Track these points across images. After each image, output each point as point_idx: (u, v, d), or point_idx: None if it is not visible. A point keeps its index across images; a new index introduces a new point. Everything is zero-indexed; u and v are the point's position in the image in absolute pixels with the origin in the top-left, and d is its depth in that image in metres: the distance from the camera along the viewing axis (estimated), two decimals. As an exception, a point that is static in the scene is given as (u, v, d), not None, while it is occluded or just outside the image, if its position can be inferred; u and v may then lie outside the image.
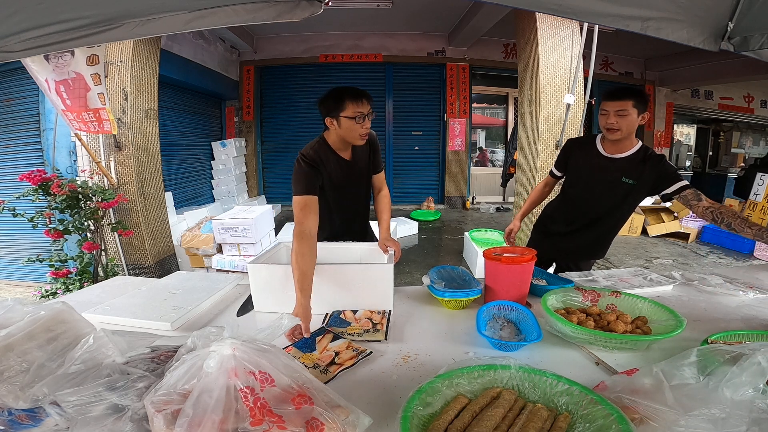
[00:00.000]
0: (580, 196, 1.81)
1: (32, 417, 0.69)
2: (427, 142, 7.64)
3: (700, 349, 0.72)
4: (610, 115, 1.60)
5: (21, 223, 2.98)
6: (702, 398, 0.63)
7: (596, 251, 1.91)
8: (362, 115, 1.42)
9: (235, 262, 3.54)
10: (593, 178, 1.74)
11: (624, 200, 1.71)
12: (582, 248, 1.89)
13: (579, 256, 1.91)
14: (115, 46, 3.41)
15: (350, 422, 0.67)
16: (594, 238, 1.85)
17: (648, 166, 1.63)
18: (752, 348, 0.67)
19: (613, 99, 1.59)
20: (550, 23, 4.01)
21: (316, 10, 1.07)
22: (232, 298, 1.44)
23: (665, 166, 1.63)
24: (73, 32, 1.09)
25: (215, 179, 6.73)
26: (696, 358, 0.71)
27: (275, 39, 7.14)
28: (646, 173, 1.63)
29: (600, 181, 1.72)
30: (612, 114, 1.60)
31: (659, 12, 1.10)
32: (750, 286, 1.47)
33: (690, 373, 0.69)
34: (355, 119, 1.42)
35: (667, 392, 0.67)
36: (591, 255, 1.92)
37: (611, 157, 1.70)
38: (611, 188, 1.70)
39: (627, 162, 1.67)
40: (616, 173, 1.68)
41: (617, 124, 1.59)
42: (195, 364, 0.65)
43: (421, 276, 1.56)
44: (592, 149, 1.76)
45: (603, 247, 1.91)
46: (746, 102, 8.84)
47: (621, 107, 1.57)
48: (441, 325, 1.20)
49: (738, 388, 0.60)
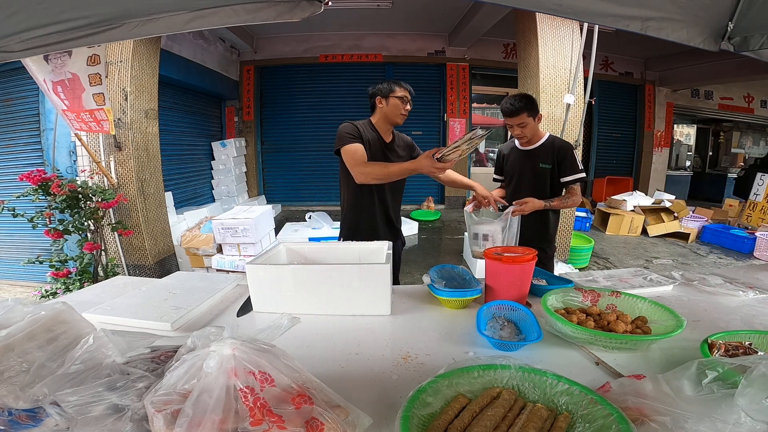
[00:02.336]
0: (516, 189, 2.11)
1: (32, 417, 0.69)
2: (427, 142, 7.62)
3: (701, 362, 0.72)
4: (514, 128, 1.98)
5: (21, 223, 2.99)
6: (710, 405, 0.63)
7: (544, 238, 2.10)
8: (407, 98, 1.82)
9: (235, 262, 3.54)
10: (520, 170, 2.09)
11: (546, 183, 2.03)
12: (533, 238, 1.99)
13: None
14: (115, 46, 3.41)
15: (350, 422, 0.67)
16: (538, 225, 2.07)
17: (557, 151, 2.00)
18: (753, 361, 0.67)
19: (511, 116, 1.94)
20: (550, 23, 4.02)
21: (316, 10, 1.07)
22: (232, 298, 1.44)
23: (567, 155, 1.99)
24: (73, 32, 1.09)
25: (215, 179, 6.73)
26: (696, 370, 0.71)
27: (275, 39, 7.15)
28: (556, 157, 2.01)
29: (525, 171, 2.07)
30: (516, 127, 1.97)
31: (659, 12, 1.10)
32: (750, 286, 1.47)
33: (693, 383, 0.69)
34: (401, 99, 1.80)
35: (673, 397, 0.67)
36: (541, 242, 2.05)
37: (528, 149, 2.07)
38: (534, 175, 2.04)
39: (540, 151, 2.03)
40: (534, 161, 2.03)
41: (522, 132, 1.98)
42: (195, 364, 0.65)
43: (421, 276, 1.56)
44: (514, 148, 2.14)
45: (548, 233, 2.12)
46: (746, 102, 8.84)
47: (520, 121, 1.93)
48: (441, 324, 1.20)
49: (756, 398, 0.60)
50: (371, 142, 1.81)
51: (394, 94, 1.79)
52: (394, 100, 1.79)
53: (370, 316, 1.25)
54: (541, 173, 2.02)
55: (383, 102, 1.82)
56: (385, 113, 1.83)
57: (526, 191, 1.98)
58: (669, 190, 7.41)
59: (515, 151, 2.12)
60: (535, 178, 2.04)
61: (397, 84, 1.81)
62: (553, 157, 2.00)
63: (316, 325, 1.19)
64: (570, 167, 1.99)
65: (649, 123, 8.15)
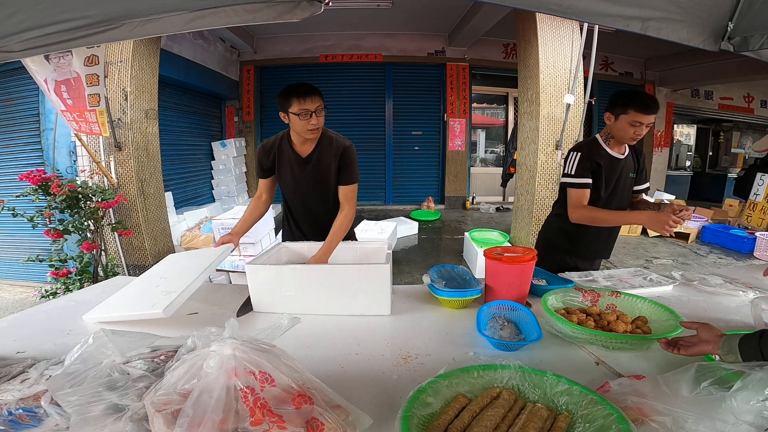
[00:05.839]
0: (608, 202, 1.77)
1: (32, 417, 0.69)
2: (427, 142, 7.64)
3: (701, 365, 0.72)
4: (640, 128, 1.59)
5: (21, 223, 2.99)
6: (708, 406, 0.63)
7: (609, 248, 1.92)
8: (307, 111, 1.48)
9: (235, 262, 3.54)
10: (615, 179, 1.75)
11: (629, 195, 1.83)
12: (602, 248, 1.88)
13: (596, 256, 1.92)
14: (115, 46, 3.41)
15: (350, 422, 0.67)
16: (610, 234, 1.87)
17: (639, 159, 1.82)
18: (751, 366, 0.67)
19: (650, 112, 1.56)
20: (550, 23, 4.02)
21: (316, 10, 1.07)
22: (232, 298, 1.44)
23: (643, 162, 1.84)
24: (73, 32, 1.08)
25: (215, 179, 6.73)
26: (695, 373, 0.71)
27: (275, 39, 7.15)
28: (639, 166, 1.82)
29: (619, 181, 1.75)
30: (644, 127, 1.59)
31: (659, 12, 1.10)
32: (750, 286, 1.47)
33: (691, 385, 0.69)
34: (299, 116, 1.48)
35: (672, 397, 0.67)
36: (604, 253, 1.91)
37: (621, 157, 1.74)
38: (625, 185, 1.79)
39: (629, 159, 1.78)
40: (626, 170, 1.77)
41: (642, 134, 1.61)
42: (195, 364, 0.65)
43: (421, 276, 1.56)
44: (606, 153, 1.73)
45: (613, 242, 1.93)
46: (746, 102, 8.84)
47: (652, 120, 1.59)
48: (441, 325, 1.20)
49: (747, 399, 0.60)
50: (285, 159, 1.66)
51: (291, 109, 1.48)
52: (292, 117, 1.50)
53: (370, 316, 1.25)
54: (630, 184, 1.81)
55: (286, 118, 1.54)
56: (293, 129, 1.59)
57: (613, 205, 1.78)
58: (669, 190, 7.41)
59: (609, 158, 1.72)
60: (625, 189, 1.80)
61: (294, 94, 1.47)
62: (636, 166, 1.80)
63: (316, 325, 1.19)
64: (645, 175, 1.84)
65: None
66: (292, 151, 1.65)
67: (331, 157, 1.65)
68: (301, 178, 1.68)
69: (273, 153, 1.67)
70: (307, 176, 1.67)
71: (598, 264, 1.95)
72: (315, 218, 1.77)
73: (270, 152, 1.67)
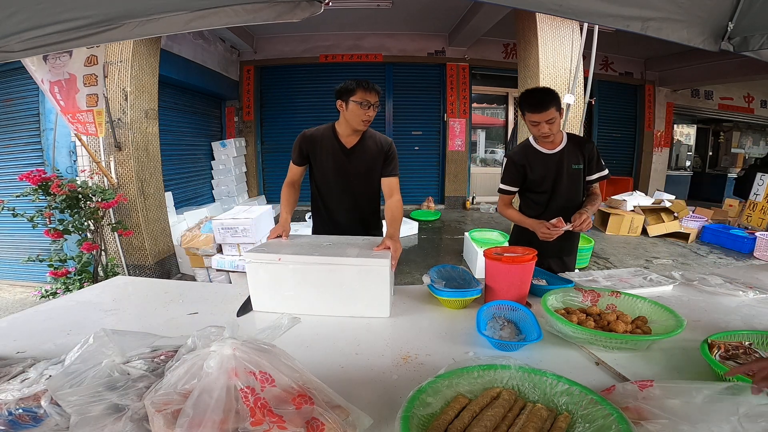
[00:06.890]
0: (552, 197, 1.86)
1: (32, 417, 0.69)
2: (427, 142, 7.64)
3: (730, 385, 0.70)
4: (542, 126, 1.67)
5: (21, 223, 2.98)
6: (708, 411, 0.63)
7: (573, 246, 1.96)
8: (368, 103, 1.63)
9: (235, 262, 3.53)
10: (554, 173, 1.82)
11: (580, 186, 1.85)
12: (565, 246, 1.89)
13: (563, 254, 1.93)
14: (115, 46, 3.41)
15: (350, 422, 0.67)
16: (569, 236, 1.85)
17: (584, 150, 1.81)
18: None
19: (541, 110, 1.64)
20: (550, 23, 4.02)
21: (316, 10, 1.07)
22: (232, 298, 1.44)
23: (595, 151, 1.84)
24: (73, 32, 1.09)
25: (215, 179, 6.73)
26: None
27: (275, 39, 7.14)
28: (584, 156, 1.81)
29: (560, 174, 1.81)
30: (544, 125, 1.67)
31: (659, 12, 1.10)
32: (750, 286, 1.47)
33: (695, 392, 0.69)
34: (360, 104, 1.63)
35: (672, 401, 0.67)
36: (564, 252, 1.92)
37: (551, 152, 1.81)
38: (571, 177, 1.82)
39: (568, 151, 1.80)
40: (566, 163, 1.80)
41: (550, 130, 1.68)
42: (195, 364, 0.65)
43: (421, 276, 1.56)
44: (537, 153, 1.83)
45: (575, 243, 1.97)
46: (746, 102, 8.84)
47: (550, 116, 1.65)
48: (441, 325, 1.20)
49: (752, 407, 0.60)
50: (328, 149, 1.76)
51: (354, 97, 1.63)
52: (353, 105, 1.63)
53: (370, 317, 1.25)
54: (575, 176, 1.82)
55: (343, 106, 1.67)
56: (345, 118, 1.70)
57: (561, 198, 1.83)
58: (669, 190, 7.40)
59: (539, 156, 1.82)
60: (571, 182, 1.82)
61: (360, 85, 1.63)
62: (582, 156, 1.81)
63: (316, 325, 1.19)
64: (597, 164, 1.83)
65: (649, 123, 8.14)
66: (337, 141, 1.77)
67: (376, 150, 1.79)
68: (345, 167, 1.78)
69: (315, 141, 1.76)
70: (352, 165, 1.79)
71: (569, 262, 1.96)
72: (355, 204, 1.86)
73: (312, 140, 1.77)
